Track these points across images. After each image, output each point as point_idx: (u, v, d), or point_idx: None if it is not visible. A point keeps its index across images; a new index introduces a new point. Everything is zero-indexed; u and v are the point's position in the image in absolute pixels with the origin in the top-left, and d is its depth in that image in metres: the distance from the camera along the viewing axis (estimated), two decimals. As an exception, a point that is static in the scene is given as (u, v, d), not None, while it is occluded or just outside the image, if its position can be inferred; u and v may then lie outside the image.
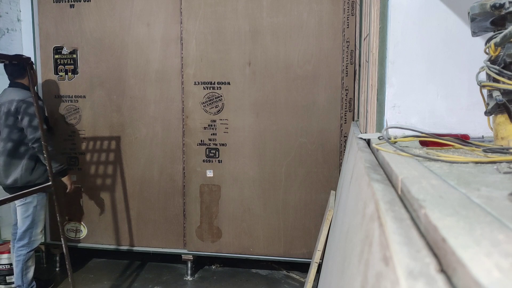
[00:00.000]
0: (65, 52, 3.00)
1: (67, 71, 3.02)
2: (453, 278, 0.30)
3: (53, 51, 3.02)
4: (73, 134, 3.06)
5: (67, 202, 3.10)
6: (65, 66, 3.02)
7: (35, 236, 2.53)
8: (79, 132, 3.04)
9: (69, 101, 3.04)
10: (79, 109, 3.03)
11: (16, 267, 2.50)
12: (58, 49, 3.02)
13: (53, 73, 3.04)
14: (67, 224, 3.14)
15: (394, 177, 0.60)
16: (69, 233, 3.14)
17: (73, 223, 3.13)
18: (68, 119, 3.06)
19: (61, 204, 3.04)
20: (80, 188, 3.08)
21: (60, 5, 2.97)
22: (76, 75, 3.01)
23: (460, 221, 0.36)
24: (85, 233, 3.13)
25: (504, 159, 0.65)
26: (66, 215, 3.11)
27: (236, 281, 2.93)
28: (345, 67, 2.66)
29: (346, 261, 0.69)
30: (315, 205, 2.77)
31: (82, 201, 3.10)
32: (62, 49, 3.01)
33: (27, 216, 2.48)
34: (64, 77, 3.03)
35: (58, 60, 3.02)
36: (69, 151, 3.07)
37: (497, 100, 0.74)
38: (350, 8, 2.61)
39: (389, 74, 1.12)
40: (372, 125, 1.29)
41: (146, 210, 3.02)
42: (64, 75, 3.03)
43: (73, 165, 3.07)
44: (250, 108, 2.78)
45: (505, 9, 0.76)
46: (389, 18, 1.11)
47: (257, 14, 2.70)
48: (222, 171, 2.85)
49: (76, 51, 2.99)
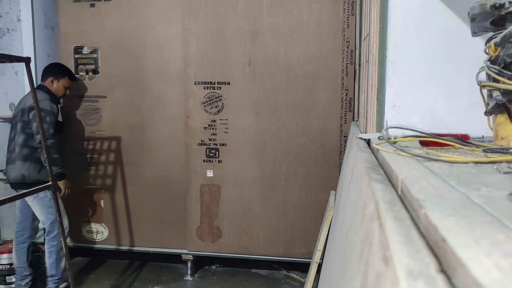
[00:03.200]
0: (85, 52, 2.98)
1: (87, 71, 3.01)
2: (453, 278, 0.30)
3: (73, 50, 3.00)
4: (93, 135, 3.03)
5: (87, 203, 3.08)
6: (85, 66, 3.00)
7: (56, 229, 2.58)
8: (99, 132, 3.02)
9: (89, 101, 3.02)
10: (99, 109, 3.01)
11: (50, 258, 2.57)
12: (78, 49, 3.00)
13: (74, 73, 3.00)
14: (87, 225, 3.11)
15: (394, 177, 0.60)
16: (89, 235, 3.11)
17: (94, 224, 3.10)
18: (88, 119, 3.03)
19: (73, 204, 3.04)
20: (101, 189, 3.05)
21: (80, 4, 2.95)
22: (97, 75, 2.99)
23: (460, 221, 0.36)
24: (106, 235, 3.10)
25: (504, 159, 0.65)
26: (85, 216, 3.09)
27: (236, 281, 2.93)
28: (345, 67, 2.66)
29: (346, 261, 0.69)
30: (315, 205, 2.77)
31: (103, 202, 3.07)
32: (83, 49, 2.98)
33: (49, 209, 2.54)
34: (84, 77, 3.01)
35: (78, 60, 3.00)
36: (88, 152, 3.05)
37: (497, 100, 0.74)
38: (350, 8, 2.61)
39: (389, 74, 1.12)
40: (372, 125, 1.29)
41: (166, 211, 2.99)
42: (84, 75, 3.01)
43: (92, 165, 3.05)
44: (250, 108, 2.78)
45: (505, 9, 0.76)
46: (389, 18, 1.11)
47: (257, 14, 2.70)
48: (222, 171, 2.85)
49: (96, 50, 2.97)
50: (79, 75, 3.01)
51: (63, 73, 2.72)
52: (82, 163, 3.07)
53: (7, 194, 3.24)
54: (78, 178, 3.06)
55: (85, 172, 3.08)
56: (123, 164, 3.03)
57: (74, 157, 3.07)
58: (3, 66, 3.29)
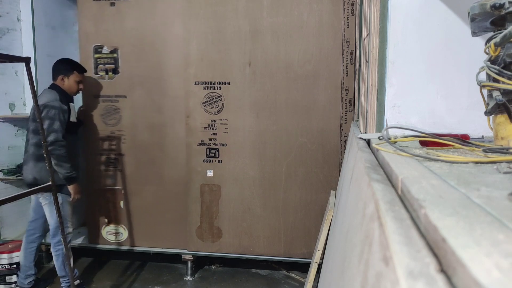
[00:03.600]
0: (105, 52, 2.95)
1: (107, 70, 2.97)
2: (453, 278, 0.30)
3: (93, 50, 2.97)
4: (113, 135, 3.00)
5: (107, 204, 3.05)
6: (105, 65, 2.96)
7: (66, 230, 2.58)
8: (119, 132, 2.99)
9: (109, 101, 2.98)
10: (119, 109, 2.97)
11: (57, 261, 2.58)
12: (98, 48, 2.96)
13: (93, 73, 2.98)
14: (106, 226, 3.08)
15: (394, 177, 0.60)
16: (108, 236, 3.08)
17: (113, 226, 3.08)
18: (108, 119, 2.99)
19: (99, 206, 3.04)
20: (121, 190, 3.02)
21: (100, 3, 2.92)
22: (117, 75, 2.95)
23: (460, 221, 0.36)
24: (125, 236, 3.06)
25: (504, 159, 0.65)
26: (105, 218, 3.07)
27: (236, 281, 2.93)
28: (345, 67, 2.66)
29: (346, 261, 0.69)
30: (315, 205, 2.77)
31: (123, 203, 3.04)
32: (103, 48, 2.95)
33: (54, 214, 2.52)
34: (104, 77, 2.98)
35: (98, 60, 2.97)
36: (108, 152, 3.02)
37: (497, 100, 0.74)
38: (350, 8, 2.61)
39: (389, 74, 1.12)
40: (372, 125, 1.29)
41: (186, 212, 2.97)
42: (104, 74, 2.97)
43: (112, 166, 3.02)
44: (250, 108, 2.78)
45: (505, 9, 0.76)
46: (389, 18, 1.11)
47: (258, 14, 2.70)
48: (222, 171, 2.85)
49: (116, 50, 2.94)
50: (99, 75, 2.97)
51: (71, 69, 2.66)
52: (102, 163, 3.03)
53: (7, 194, 3.24)
54: (98, 179, 3.04)
55: (104, 172, 3.04)
56: (143, 165, 2.98)
57: (94, 158, 3.04)
58: (3, 66, 3.29)
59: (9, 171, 3.29)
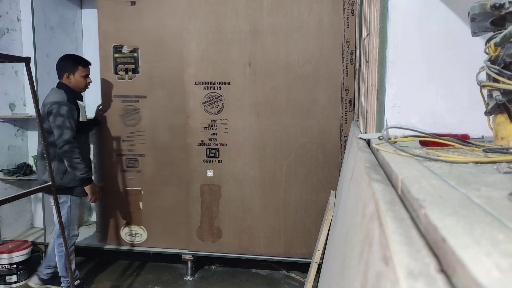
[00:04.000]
0: (125, 51, 2.92)
1: (127, 70, 2.94)
2: (453, 278, 0.30)
3: (113, 49, 2.94)
4: (132, 135, 2.97)
5: (126, 205, 3.03)
6: (125, 65, 2.93)
7: (72, 233, 2.58)
8: (139, 133, 2.96)
9: (129, 101, 2.96)
10: (139, 109, 2.95)
11: (60, 261, 2.59)
12: (118, 48, 2.93)
13: (113, 73, 2.95)
14: (125, 227, 3.06)
15: (394, 177, 0.60)
16: (127, 237, 3.07)
17: (132, 227, 3.05)
18: (127, 119, 2.97)
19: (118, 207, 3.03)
20: (140, 190, 3.00)
21: (120, 2, 2.89)
22: (137, 75, 2.92)
23: (460, 221, 0.36)
24: (145, 237, 3.04)
25: (504, 159, 0.65)
26: (124, 219, 3.05)
27: (236, 281, 2.93)
28: (345, 67, 2.66)
29: (346, 261, 0.69)
30: (315, 205, 2.77)
31: (142, 204, 3.02)
32: (122, 48, 2.92)
33: (63, 215, 2.50)
34: (124, 77, 2.95)
35: (118, 59, 2.94)
36: (127, 153, 2.99)
37: (497, 100, 0.74)
38: (350, 8, 2.61)
39: (389, 74, 1.12)
40: (372, 125, 1.29)
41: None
42: (124, 74, 2.94)
43: (132, 167, 2.99)
44: (250, 108, 2.78)
45: (505, 9, 0.76)
46: (389, 18, 1.11)
47: (258, 14, 2.70)
48: (223, 171, 2.85)
49: (136, 49, 2.91)
50: (119, 75, 2.94)
51: (75, 64, 2.60)
52: (121, 164, 3.02)
53: (6, 194, 3.24)
54: (117, 180, 3.02)
55: (124, 173, 3.02)
56: (163, 165, 2.96)
57: (114, 158, 3.01)
58: (3, 66, 3.29)
59: (9, 171, 3.29)
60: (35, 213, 3.57)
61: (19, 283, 2.88)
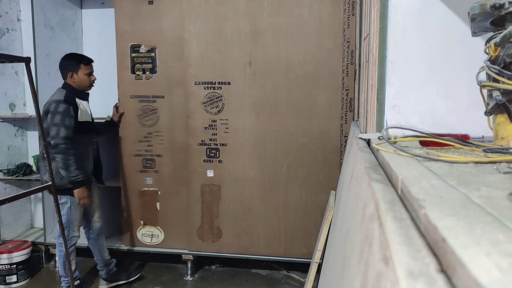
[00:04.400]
0: (142, 51, 2.90)
1: (144, 70, 2.92)
2: (453, 278, 0.30)
3: (130, 49, 2.92)
4: (150, 136, 2.95)
5: (142, 206, 3.01)
6: (142, 65, 2.91)
7: (72, 234, 2.57)
8: (156, 133, 2.94)
9: (146, 101, 2.94)
10: (156, 109, 2.93)
11: (59, 261, 2.62)
12: (135, 47, 2.91)
13: (130, 72, 2.93)
14: (142, 228, 3.04)
15: (394, 177, 0.60)
16: (144, 238, 3.05)
17: (149, 228, 3.03)
18: (145, 120, 2.95)
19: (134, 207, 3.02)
20: (157, 191, 2.98)
21: (137, 1, 2.86)
22: (154, 74, 2.90)
23: (460, 221, 0.36)
24: (162, 238, 3.03)
25: (504, 159, 0.65)
26: (141, 219, 3.03)
27: (236, 281, 2.93)
28: (346, 67, 2.66)
29: (346, 261, 0.69)
30: (315, 205, 2.77)
31: (159, 205, 3.00)
32: (140, 47, 2.90)
33: (63, 215, 2.49)
34: (141, 76, 2.92)
35: (135, 59, 2.92)
36: (145, 153, 2.97)
37: (497, 100, 0.74)
38: (350, 8, 2.61)
39: (389, 74, 1.12)
40: (372, 125, 1.29)
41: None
42: (141, 74, 2.92)
43: (149, 167, 2.97)
44: (250, 108, 2.78)
45: (505, 9, 0.76)
46: (389, 18, 1.11)
47: (258, 14, 2.70)
48: (223, 171, 2.85)
49: (154, 49, 2.89)
50: (136, 74, 2.92)
51: (77, 63, 2.57)
52: (138, 165, 2.99)
53: (6, 194, 3.24)
54: (134, 180, 3.00)
55: (141, 174, 2.99)
56: (181, 166, 2.94)
57: (131, 159, 2.99)
58: (3, 66, 3.29)
59: (9, 171, 3.29)
60: (35, 213, 3.58)
61: (19, 283, 2.88)
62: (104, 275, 2.80)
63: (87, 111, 2.62)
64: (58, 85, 2.60)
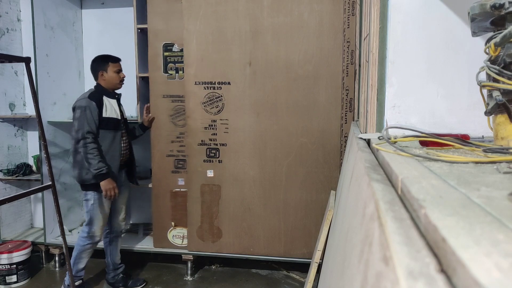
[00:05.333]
0: (175, 50, 2.88)
1: (177, 69, 2.90)
2: (453, 278, 0.30)
3: (163, 48, 2.90)
4: (182, 136, 2.93)
5: (173, 207, 2.99)
6: (175, 64, 2.89)
7: (92, 232, 2.58)
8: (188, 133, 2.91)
9: (179, 101, 2.91)
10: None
11: (73, 253, 2.65)
12: (168, 46, 2.89)
13: (162, 72, 2.91)
14: (173, 229, 3.02)
15: (394, 177, 0.60)
16: (175, 240, 3.02)
17: (180, 229, 3.01)
18: (177, 120, 2.93)
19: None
20: (186, 192, 2.96)
21: (170, 0, 2.85)
22: None
23: (460, 221, 0.36)
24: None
25: (504, 159, 0.65)
26: (172, 220, 3.01)
27: (236, 281, 2.93)
28: (346, 67, 2.66)
29: (346, 261, 0.69)
30: (315, 205, 2.77)
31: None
32: (173, 46, 2.88)
33: (86, 212, 2.58)
34: (174, 76, 2.90)
35: (168, 58, 2.89)
36: (177, 154, 2.95)
37: (497, 100, 0.74)
38: (350, 8, 2.61)
39: (389, 74, 1.12)
40: (372, 125, 1.29)
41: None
42: (174, 73, 2.90)
43: (180, 168, 2.96)
44: (250, 108, 2.78)
45: (505, 9, 0.76)
46: (389, 18, 1.11)
47: (258, 14, 2.70)
48: (223, 171, 2.85)
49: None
50: (169, 74, 2.90)
51: (104, 62, 2.61)
52: (170, 165, 2.97)
53: (6, 194, 3.24)
54: (166, 181, 2.99)
55: (172, 174, 2.98)
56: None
57: (163, 159, 2.97)
58: (3, 66, 3.29)
59: (9, 171, 3.29)
60: (35, 213, 3.57)
61: (19, 283, 2.88)
62: (110, 279, 2.82)
63: (114, 109, 2.62)
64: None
